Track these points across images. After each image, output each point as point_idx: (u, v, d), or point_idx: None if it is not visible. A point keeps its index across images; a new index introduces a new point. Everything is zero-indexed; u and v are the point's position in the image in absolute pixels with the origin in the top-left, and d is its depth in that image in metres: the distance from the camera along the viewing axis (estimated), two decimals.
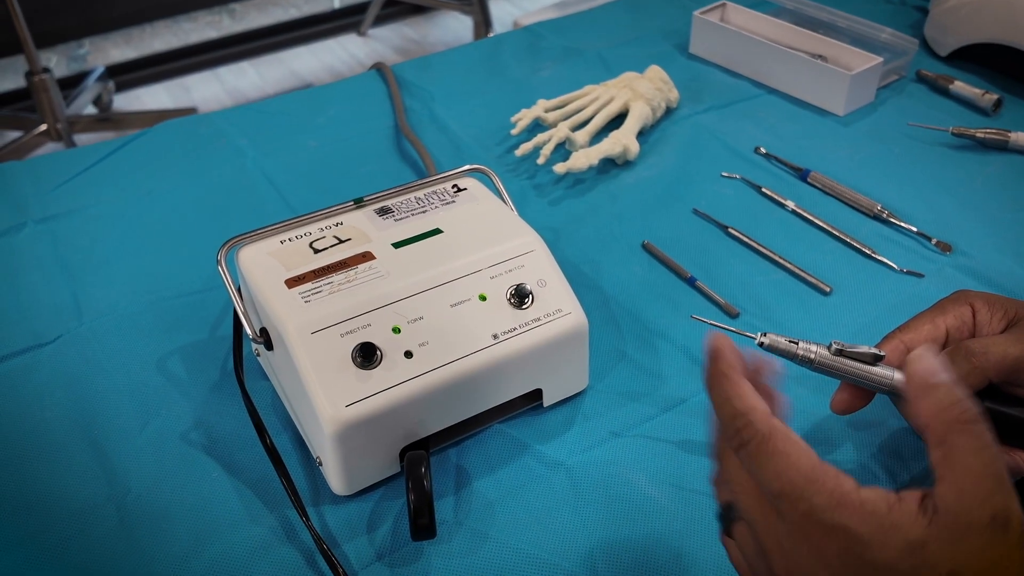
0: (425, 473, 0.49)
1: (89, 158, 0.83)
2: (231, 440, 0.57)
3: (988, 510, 0.32)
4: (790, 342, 0.48)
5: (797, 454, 0.35)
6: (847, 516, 0.33)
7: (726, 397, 0.37)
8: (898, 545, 0.32)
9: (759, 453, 0.36)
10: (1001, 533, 0.32)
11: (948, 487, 0.33)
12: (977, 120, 0.85)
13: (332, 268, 0.55)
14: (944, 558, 0.32)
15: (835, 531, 0.33)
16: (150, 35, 2.82)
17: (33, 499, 0.54)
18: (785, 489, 0.35)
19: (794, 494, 0.34)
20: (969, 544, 0.32)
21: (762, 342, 0.49)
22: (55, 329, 0.65)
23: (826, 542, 0.33)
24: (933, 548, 0.32)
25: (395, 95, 0.91)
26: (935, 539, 0.32)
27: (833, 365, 0.48)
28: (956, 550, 0.32)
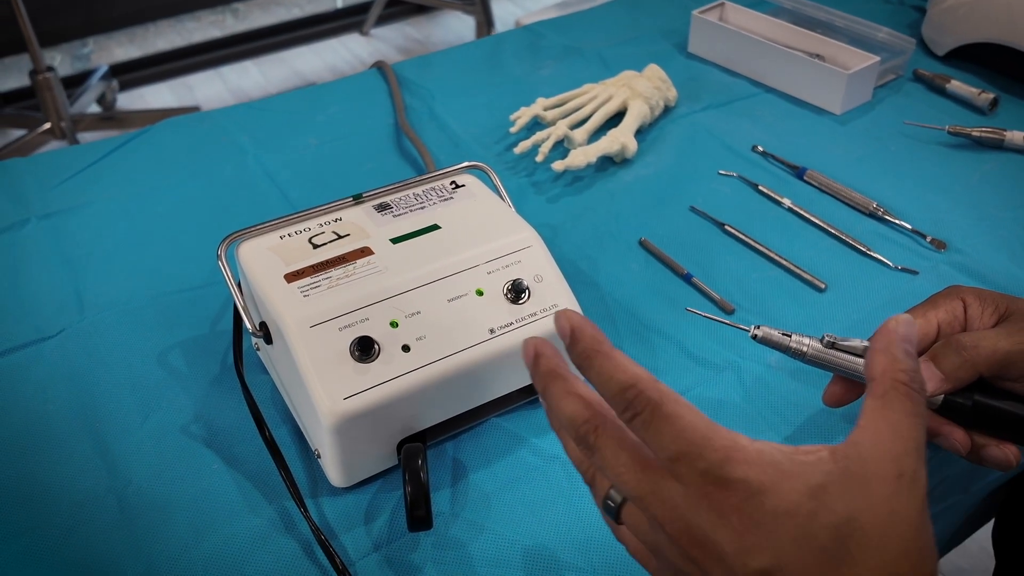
0: (422, 465, 0.50)
1: (92, 155, 0.84)
2: (231, 433, 0.57)
3: (897, 466, 0.33)
4: (783, 335, 0.49)
5: (690, 415, 0.35)
6: (745, 468, 0.33)
7: (608, 375, 0.36)
8: (798, 489, 0.32)
9: (654, 419, 0.35)
10: (907, 489, 0.33)
11: (868, 434, 0.34)
12: (973, 119, 0.86)
13: (331, 263, 0.56)
14: (844, 501, 0.32)
15: (734, 484, 0.33)
16: (154, 34, 2.83)
17: (36, 490, 0.54)
18: (683, 449, 0.34)
19: (692, 453, 0.34)
20: (871, 491, 0.32)
21: (755, 334, 0.49)
22: (57, 323, 0.66)
23: (725, 495, 0.33)
24: (833, 491, 0.32)
25: (395, 93, 0.92)
26: (837, 483, 0.32)
27: (825, 358, 0.49)
28: (857, 495, 0.32)
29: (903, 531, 0.32)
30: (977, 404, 0.48)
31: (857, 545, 0.32)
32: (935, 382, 0.48)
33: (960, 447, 0.49)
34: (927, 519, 0.33)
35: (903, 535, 0.32)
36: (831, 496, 0.32)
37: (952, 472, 0.63)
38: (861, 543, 0.32)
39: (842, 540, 0.32)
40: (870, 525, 0.32)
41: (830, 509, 0.32)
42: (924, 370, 0.48)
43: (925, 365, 0.49)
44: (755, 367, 0.61)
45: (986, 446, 0.49)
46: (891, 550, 0.32)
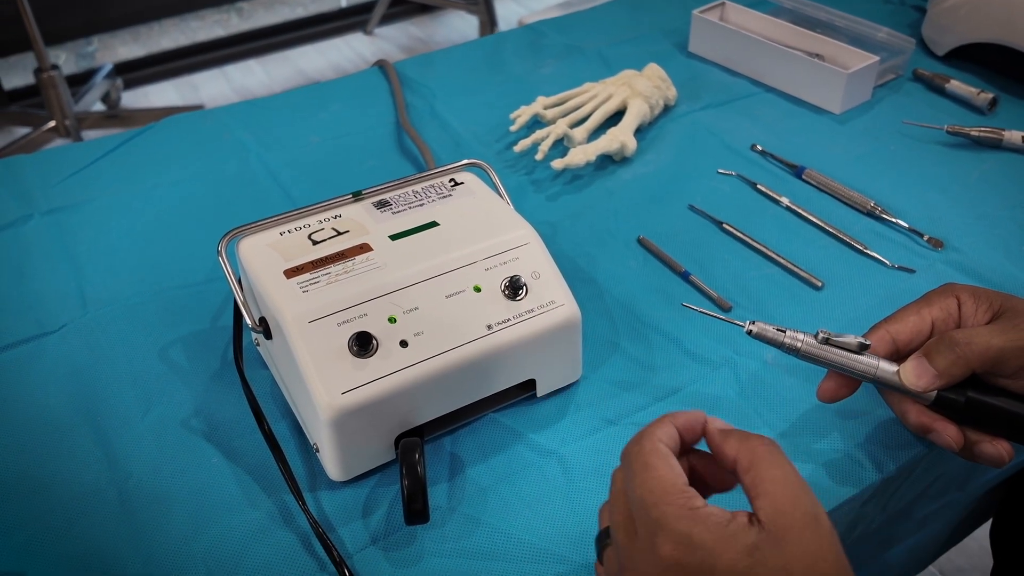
0: (419, 460, 0.51)
1: (95, 152, 0.85)
2: (230, 427, 0.58)
3: (800, 511, 0.37)
4: (777, 330, 0.49)
5: (665, 470, 0.39)
6: (692, 525, 0.37)
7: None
8: (737, 549, 0.36)
9: (635, 464, 0.40)
10: (815, 527, 0.37)
11: (765, 501, 0.38)
12: (973, 119, 0.86)
13: (330, 259, 0.56)
14: (775, 556, 0.36)
15: (681, 538, 0.37)
16: (158, 33, 2.84)
17: (37, 482, 0.55)
18: (645, 496, 0.39)
19: (650, 500, 0.38)
20: (791, 542, 0.37)
21: (750, 330, 0.50)
22: (60, 318, 0.66)
23: (672, 550, 0.37)
24: (765, 550, 0.36)
25: (397, 91, 0.92)
26: (765, 543, 0.37)
27: (819, 353, 0.49)
28: (783, 550, 0.36)
29: (826, 569, 0.37)
30: (970, 400, 0.49)
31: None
32: (928, 378, 0.49)
33: (953, 443, 0.49)
34: (839, 549, 0.38)
35: (826, 571, 0.37)
36: (764, 554, 0.36)
37: (948, 469, 0.63)
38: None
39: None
40: (798, 572, 0.36)
41: (764, 564, 0.36)
42: (917, 366, 0.49)
43: (918, 361, 0.49)
44: (751, 364, 0.61)
45: (979, 442, 0.50)
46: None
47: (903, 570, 0.77)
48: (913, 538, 0.72)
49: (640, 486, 0.39)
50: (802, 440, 0.56)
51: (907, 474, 0.57)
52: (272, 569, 0.50)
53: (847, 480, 0.54)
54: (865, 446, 0.56)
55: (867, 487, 0.54)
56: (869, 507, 0.57)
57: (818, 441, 0.56)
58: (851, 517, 0.56)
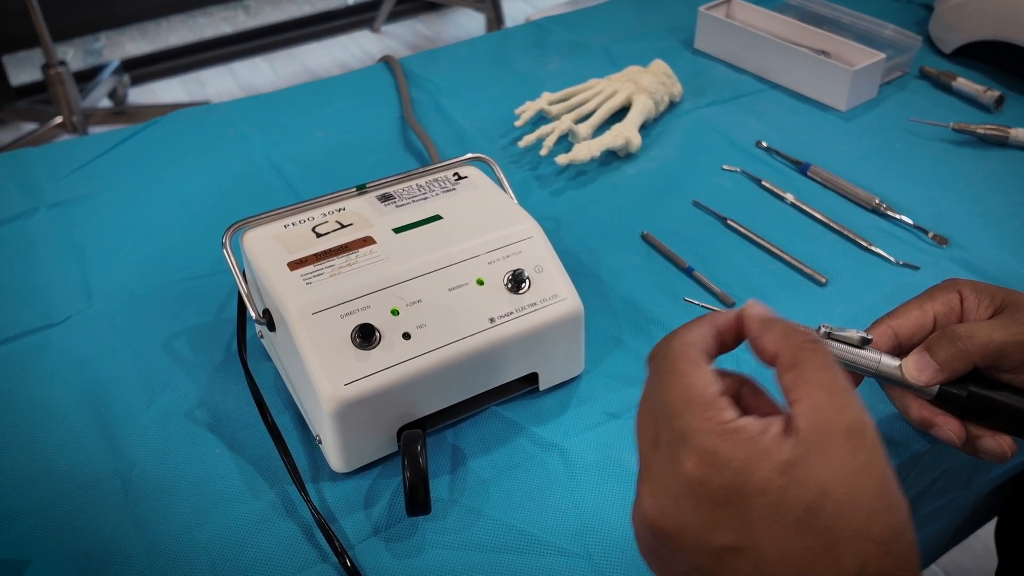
0: (421, 451, 0.51)
1: (101, 145, 0.85)
2: (234, 418, 0.58)
3: (844, 421, 0.33)
4: None
5: (694, 376, 0.36)
6: (719, 441, 0.34)
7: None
8: (769, 466, 0.33)
9: (661, 367, 0.37)
10: (859, 440, 0.33)
11: (805, 406, 0.34)
12: (979, 116, 0.86)
13: (333, 252, 0.56)
14: (812, 474, 0.33)
15: (706, 455, 0.34)
16: (165, 29, 2.84)
17: (42, 472, 0.55)
18: (669, 404, 0.35)
19: (674, 409, 0.35)
20: (832, 456, 0.33)
21: None
22: (66, 310, 0.67)
23: (695, 466, 0.34)
24: (801, 466, 0.33)
25: (402, 87, 0.92)
26: (801, 458, 0.33)
27: None
28: (822, 464, 0.33)
29: (868, 489, 0.33)
30: (972, 395, 0.49)
31: (830, 514, 0.33)
32: (930, 372, 0.48)
33: (955, 437, 0.49)
34: (886, 467, 0.34)
35: (869, 493, 0.33)
36: (800, 471, 0.33)
37: (952, 466, 0.63)
38: (833, 511, 0.33)
39: (814, 511, 0.32)
40: (837, 492, 0.33)
41: (800, 482, 0.33)
42: (919, 360, 0.49)
43: (920, 355, 0.49)
44: (754, 360, 0.61)
45: (981, 437, 0.50)
46: (861, 511, 0.33)
47: None
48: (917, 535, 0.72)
49: (664, 391, 0.36)
50: None
51: (910, 470, 0.57)
52: (274, 559, 0.50)
53: None
54: None
55: None
56: None
57: None
58: None
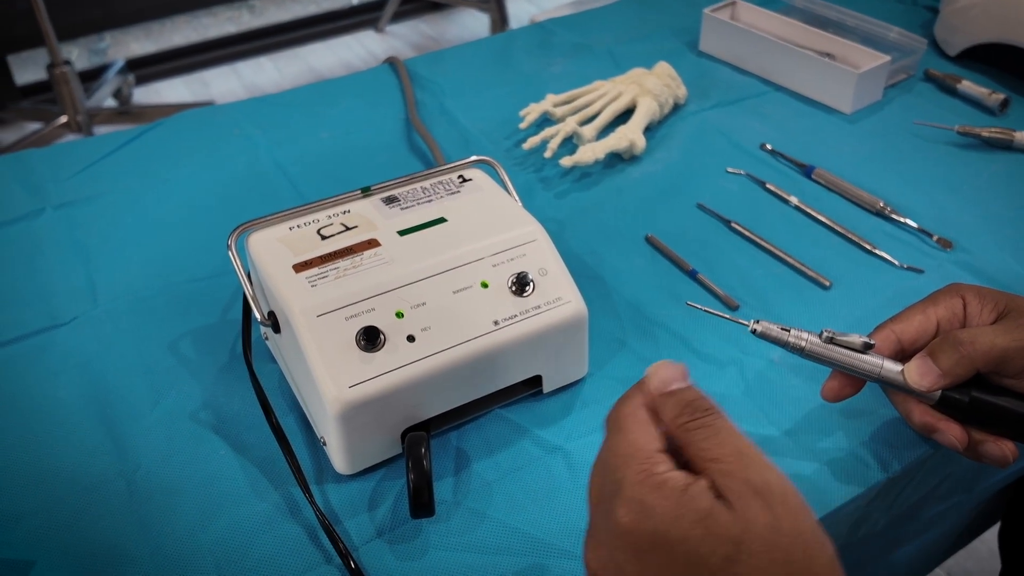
0: (425, 454, 0.51)
1: (107, 146, 0.85)
2: (239, 420, 0.58)
3: (751, 481, 0.35)
4: (782, 329, 0.49)
5: (636, 434, 0.38)
6: (647, 491, 0.36)
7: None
8: (690, 518, 0.35)
9: (610, 427, 0.40)
10: (767, 498, 0.35)
11: (714, 476, 0.36)
12: (984, 119, 0.86)
13: (338, 254, 0.56)
14: (727, 528, 0.35)
15: (634, 504, 0.36)
16: (170, 29, 2.85)
17: (48, 472, 0.55)
18: (609, 459, 0.38)
19: (612, 463, 0.38)
20: (743, 514, 0.35)
21: (755, 329, 0.50)
22: (71, 311, 0.67)
23: (625, 515, 0.36)
24: (716, 518, 0.35)
25: (407, 88, 0.92)
26: (719, 511, 0.35)
27: (823, 353, 0.49)
28: (734, 520, 0.35)
29: (783, 545, 0.35)
30: (974, 400, 0.49)
31: (746, 567, 0.34)
32: (932, 377, 0.49)
33: (957, 442, 0.50)
34: (801, 522, 0.35)
35: (783, 548, 0.34)
36: (715, 522, 0.35)
37: (955, 471, 0.63)
38: (749, 565, 0.34)
39: (732, 562, 0.34)
40: (753, 547, 0.34)
41: (716, 535, 0.35)
42: (921, 365, 0.49)
43: (922, 360, 0.49)
44: (758, 363, 0.62)
45: (983, 442, 0.50)
46: (777, 566, 0.34)
47: (910, 571, 0.76)
48: (920, 539, 0.72)
49: (610, 448, 0.38)
50: (807, 439, 0.56)
51: (913, 475, 0.57)
52: (278, 560, 0.50)
53: (852, 479, 0.54)
54: (870, 445, 0.56)
55: (872, 487, 0.54)
56: (874, 507, 0.57)
57: (823, 440, 0.56)
58: (856, 517, 0.56)
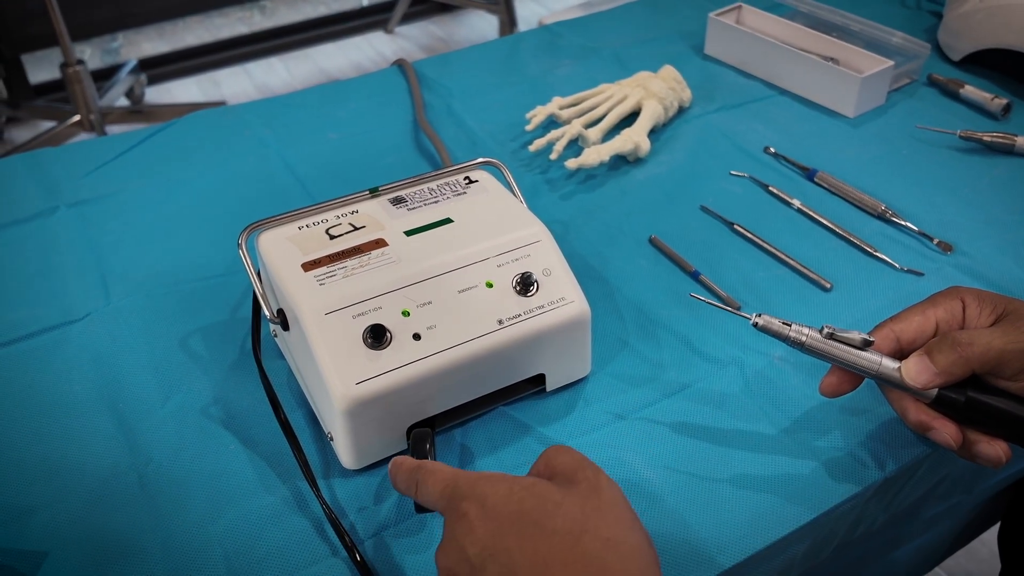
0: (430, 449, 0.52)
1: (119, 146, 0.87)
2: (248, 415, 0.60)
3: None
4: (783, 324, 0.50)
5: (440, 468, 0.46)
6: (480, 483, 0.43)
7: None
8: (520, 493, 0.42)
9: (417, 478, 0.47)
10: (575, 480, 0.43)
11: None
12: (986, 124, 0.87)
13: (346, 253, 0.57)
14: (552, 491, 0.43)
15: (473, 498, 0.43)
16: (182, 29, 2.87)
17: (61, 465, 0.57)
18: (442, 483, 0.45)
19: (446, 495, 0.44)
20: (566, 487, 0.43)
21: (756, 322, 0.51)
22: (84, 307, 0.68)
23: (468, 507, 0.42)
24: (543, 486, 0.43)
25: (415, 90, 0.94)
26: (542, 482, 0.44)
27: (823, 348, 0.50)
28: (559, 488, 0.43)
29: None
30: (970, 400, 0.50)
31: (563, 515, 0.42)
32: (928, 375, 0.49)
33: (952, 441, 0.50)
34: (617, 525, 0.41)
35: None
36: (542, 488, 0.43)
37: (954, 471, 0.64)
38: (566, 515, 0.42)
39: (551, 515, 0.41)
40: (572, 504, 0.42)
41: (543, 497, 0.42)
42: (918, 363, 0.50)
43: (920, 359, 0.50)
44: (758, 362, 0.62)
45: (977, 442, 0.50)
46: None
47: (909, 571, 0.77)
48: (919, 539, 0.73)
49: (425, 496, 0.46)
50: (805, 437, 0.57)
51: (910, 474, 0.58)
52: (286, 553, 0.51)
53: (849, 478, 0.55)
54: (867, 445, 0.57)
55: (869, 486, 0.55)
56: (871, 506, 0.57)
57: (821, 438, 0.57)
58: (853, 516, 0.57)
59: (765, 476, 0.55)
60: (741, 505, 0.53)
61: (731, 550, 0.51)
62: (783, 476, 0.55)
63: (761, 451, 0.56)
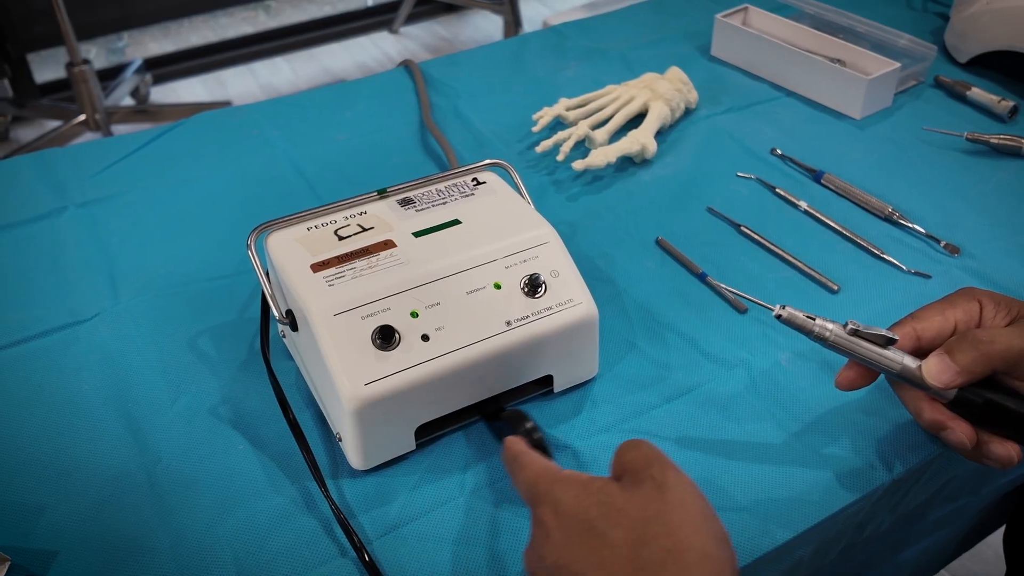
0: (532, 428, 0.54)
1: (128, 146, 0.87)
2: (256, 415, 0.60)
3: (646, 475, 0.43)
4: (807, 317, 0.50)
5: (532, 462, 0.48)
6: (554, 487, 0.45)
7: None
8: (592, 500, 0.43)
9: (512, 470, 0.49)
10: (658, 489, 0.43)
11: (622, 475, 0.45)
12: (993, 126, 0.87)
13: (355, 254, 0.58)
14: (618, 499, 0.43)
15: (548, 500, 0.44)
16: (187, 29, 2.87)
17: (70, 465, 0.57)
18: (527, 480, 0.47)
19: (531, 485, 0.46)
20: (635, 494, 0.43)
21: (780, 314, 0.50)
22: (93, 307, 0.69)
23: (544, 512, 0.44)
24: (613, 493, 0.44)
25: (421, 91, 0.94)
26: (614, 489, 0.44)
27: (846, 344, 0.50)
28: (629, 498, 0.43)
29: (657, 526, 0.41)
30: (988, 401, 0.49)
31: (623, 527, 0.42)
32: (950, 374, 0.49)
33: (966, 441, 0.50)
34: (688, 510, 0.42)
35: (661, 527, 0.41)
36: (610, 497, 0.43)
37: (960, 473, 0.64)
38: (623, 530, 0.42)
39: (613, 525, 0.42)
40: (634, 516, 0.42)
41: (609, 506, 0.43)
42: (940, 363, 0.49)
43: (940, 358, 0.49)
44: (765, 364, 0.63)
45: (989, 442, 0.50)
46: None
47: (915, 572, 0.77)
48: (925, 541, 0.73)
49: (520, 483, 0.48)
50: (812, 439, 0.57)
51: (917, 476, 0.58)
52: (295, 553, 0.51)
53: (856, 480, 0.55)
54: (875, 446, 0.57)
55: (876, 488, 0.55)
56: (879, 508, 0.57)
57: (829, 441, 0.57)
58: (860, 518, 0.57)
59: (772, 478, 0.55)
60: (748, 507, 0.53)
61: (739, 551, 0.51)
62: (790, 478, 0.55)
63: (768, 453, 0.56)
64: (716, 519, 0.42)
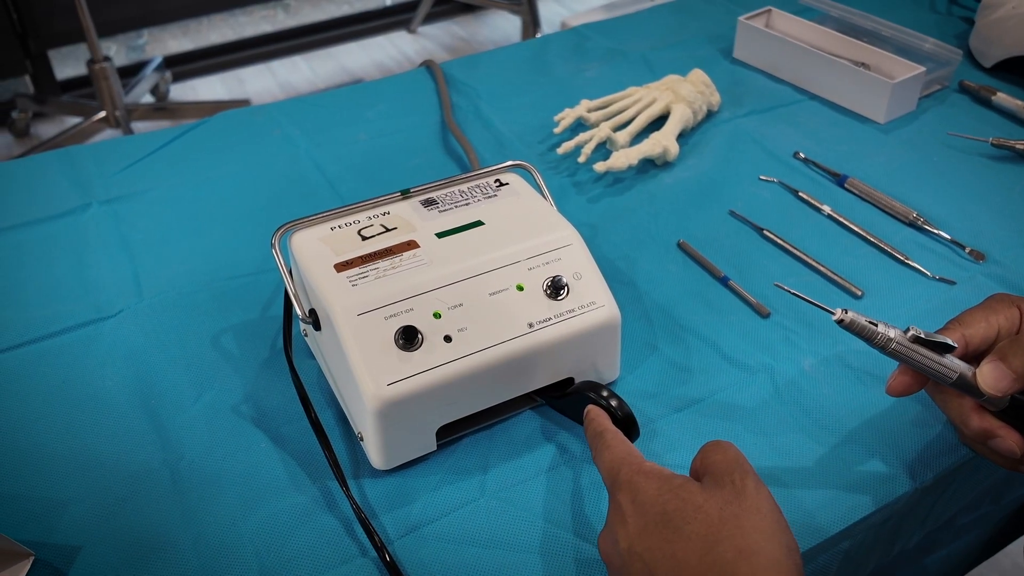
0: (607, 395, 0.55)
1: (151, 144, 0.87)
2: (278, 414, 0.60)
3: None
4: (870, 322, 0.48)
5: (616, 444, 0.49)
6: (636, 476, 0.46)
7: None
8: (670, 493, 0.44)
9: (596, 446, 0.50)
10: (735, 491, 0.44)
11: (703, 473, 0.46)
12: (1018, 132, 0.86)
13: (378, 255, 0.58)
14: (695, 495, 0.44)
15: (628, 487, 0.45)
16: (207, 27, 2.89)
17: (93, 461, 0.57)
18: (610, 464, 0.48)
19: (613, 466, 0.48)
20: (711, 492, 0.44)
21: (842, 319, 0.47)
22: (117, 304, 0.69)
23: (623, 498, 0.45)
24: (691, 489, 0.44)
25: (443, 92, 0.94)
26: (692, 485, 0.45)
27: (906, 352, 0.48)
28: (706, 495, 0.44)
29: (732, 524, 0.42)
30: None
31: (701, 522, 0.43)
32: (1007, 381, 0.48)
33: (1016, 448, 0.49)
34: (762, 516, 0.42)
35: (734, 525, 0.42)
36: (688, 492, 0.44)
37: (985, 481, 0.63)
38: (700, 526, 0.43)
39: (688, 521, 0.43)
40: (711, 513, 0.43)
41: (685, 501, 0.44)
42: (995, 369, 0.48)
43: (994, 364, 0.49)
44: (789, 370, 0.62)
45: None
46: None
47: None
48: (947, 548, 0.72)
49: (601, 461, 0.49)
50: (836, 446, 0.57)
51: (944, 487, 0.58)
52: (316, 551, 0.52)
53: (880, 488, 0.54)
54: (901, 455, 0.56)
55: (900, 496, 0.54)
56: (907, 522, 0.57)
57: (852, 448, 0.57)
58: (888, 530, 0.56)
59: (793, 485, 0.55)
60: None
61: None
62: (812, 485, 0.55)
63: (790, 460, 0.56)
64: (788, 531, 0.43)
